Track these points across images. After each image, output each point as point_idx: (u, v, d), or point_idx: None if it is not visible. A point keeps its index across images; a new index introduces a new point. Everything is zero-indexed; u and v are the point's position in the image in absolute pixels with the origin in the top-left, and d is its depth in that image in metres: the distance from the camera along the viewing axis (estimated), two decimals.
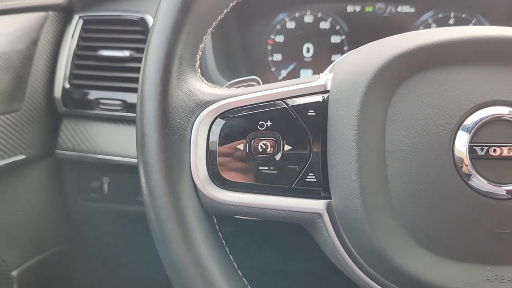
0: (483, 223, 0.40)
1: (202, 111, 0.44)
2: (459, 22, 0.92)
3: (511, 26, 0.90)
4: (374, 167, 0.41)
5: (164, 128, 0.43)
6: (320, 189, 0.43)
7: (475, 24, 0.92)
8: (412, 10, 0.93)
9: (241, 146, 0.44)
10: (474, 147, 0.40)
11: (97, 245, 0.91)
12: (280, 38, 0.95)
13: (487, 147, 0.40)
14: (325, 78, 0.45)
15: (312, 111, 0.44)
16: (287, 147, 0.44)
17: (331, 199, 0.43)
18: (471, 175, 0.40)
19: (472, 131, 0.40)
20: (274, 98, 0.45)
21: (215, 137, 0.44)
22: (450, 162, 0.40)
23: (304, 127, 0.44)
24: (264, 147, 0.44)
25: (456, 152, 0.40)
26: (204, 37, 0.46)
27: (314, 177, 0.44)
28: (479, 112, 0.40)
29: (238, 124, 0.44)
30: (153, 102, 0.43)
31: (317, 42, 0.95)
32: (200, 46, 0.46)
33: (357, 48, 0.47)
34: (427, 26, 0.93)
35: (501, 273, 0.40)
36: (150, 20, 0.83)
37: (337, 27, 0.94)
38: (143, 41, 0.82)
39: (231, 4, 0.47)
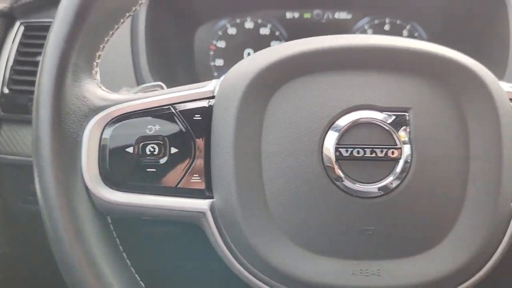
0: (350, 220, 0.43)
1: (94, 115, 0.46)
2: (394, 28, 0.95)
3: (446, 32, 0.93)
4: (251, 169, 0.43)
5: (57, 132, 0.44)
6: (204, 190, 0.46)
7: (409, 30, 0.95)
8: (349, 16, 0.96)
9: (130, 149, 0.46)
10: (339, 149, 0.42)
11: (39, 247, 0.92)
12: (222, 44, 0.98)
13: (352, 149, 0.42)
14: (215, 84, 0.47)
15: (198, 115, 0.46)
16: (173, 150, 0.46)
17: (214, 199, 0.45)
18: (338, 175, 0.42)
19: (339, 134, 0.42)
20: (163, 103, 0.47)
21: (106, 140, 0.46)
22: (319, 163, 0.43)
23: (190, 131, 0.46)
24: (152, 150, 0.46)
25: (324, 154, 0.43)
26: (101, 45, 0.48)
27: (198, 178, 0.46)
28: (346, 116, 0.43)
29: (128, 128, 0.46)
30: (46, 107, 0.44)
31: (257, 48, 0.96)
32: (97, 53, 0.48)
33: (250, 56, 0.49)
34: (364, 32, 0.96)
35: (366, 267, 0.43)
36: None
37: (277, 33, 0.97)
38: None
39: (127, 14, 0.49)
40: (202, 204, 0.45)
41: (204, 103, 0.46)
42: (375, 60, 0.44)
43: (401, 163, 0.42)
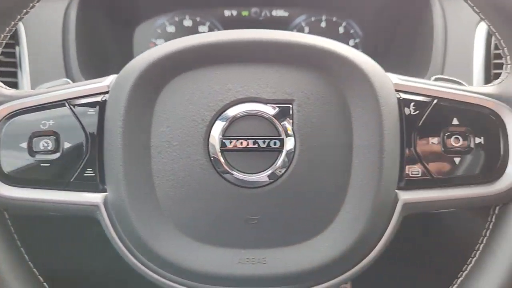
0: (235, 210, 0.44)
1: None
2: (330, 25, 0.97)
3: (380, 29, 0.95)
4: (140, 162, 0.44)
5: None
6: (98, 183, 0.46)
7: (345, 27, 0.97)
8: (286, 14, 0.97)
9: (24, 145, 0.46)
10: (224, 141, 0.43)
11: None
12: (160, 42, 0.98)
13: (235, 140, 0.43)
14: (111, 79, 0.48)
15: (92, 110, 0.47)
16: (67, 145, 0.46)
17: (107, 192, 0.46)
18: (223, 166, 0.43)
19: (224, 126, 0.43)
20: (58, 99, 0.47)
21: (0, 136, 0.46)
22: (205, 155, 0.43)
23: (83, 125, 0.46)
24: (46, 145, 0.46)
25: (210, 145, 0.43)
26: None
27: (92, 172, 0.46)
28: (232, 109, 0.44)
29: (22, 124, 0.47)
30: None
31: None
32: None
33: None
34: (301, 29, 0.97)
35: (252, 256, 0.44)
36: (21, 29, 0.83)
37: (215, 30, 0.97)
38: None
39: (18, 17, 0.48)
40: (95, 198, 0.46)
41: (98, 98, 0.47)
42: (260, 54, 0.45)
43: (283, 153, 0.43)
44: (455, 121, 0.46)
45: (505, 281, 0.45)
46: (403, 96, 0.47)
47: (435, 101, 0.47)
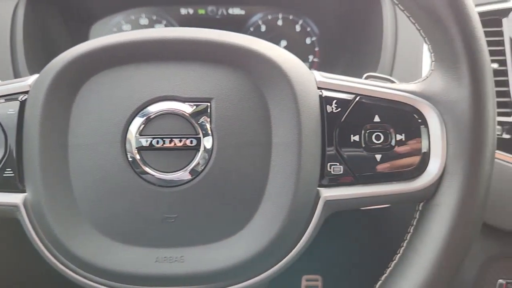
0: (152, 209, 0.43)
1: None
2: (287, 23, 0.97)
3: (335, 28, 0.95)
4: (58, 161, 0.44)
5: None
6: (17, 183, 0.46)
7: (302, 25, 0.97)
8: (242, 12, 0.97)
9: None
10: (140, 139, 0.43)
11: None
12: None
13: (151, 139, 0.43)
14: (33, 79, 0.47)
15: (12, 110, 0.46)
16: None
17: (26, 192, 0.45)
18: (140, 165, 0.43)
19: (140, 125, 0.43)
20: None
21: None
22: (122, 154, 0.43)
23: (2, 125, 0.46)
24: None
25: (127, 145, 0.43)
26: None
27: (11, 172, 0.46)
28: (150, 107, 0.44)
29: None
30: None
31: None
32: None
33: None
34: (258, 27, 0.97)
35: (170, 255, 0.44)
36: None
37: None
38: None
39: None
40: (15, 198, 0.45)
41: (19, 98, 0.46)
42: (179, 52, 0.44)
43: (200, 152, 0.43)
44: (376, 118, 0.47)
45: (426, 278, 0.45)
46: (326, 93, 0.47)
47: (357, 98, 0.47)
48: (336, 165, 0.46)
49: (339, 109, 0.46)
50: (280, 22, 0.97)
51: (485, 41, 0.47)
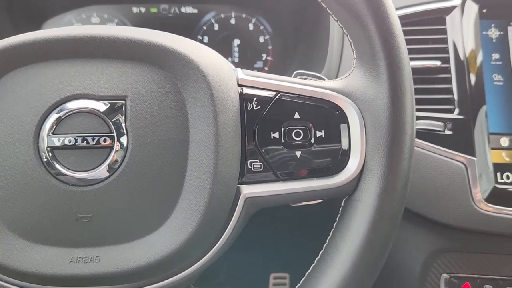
0: (66, 209, 0.43)
1: None
2: (240, 21, 0.97)
3: (287, 27, 0.95)
4: None
5: None
6: None
7: (255, 23, 0.97)
8: (195, 11, 0.97)
9: None
10: (52, 139, 0.42)
11: None
12: None
13: (64, 138, 0.42)
14: None
15: None
16: None
17: None
18: (53, 164, 0.43)
19: (53, 123, 0.43)
20: None
21: None
22: (35, 153, 0.43)
23: None
24: None
25: (40, 144, 0.43)
26: None
27: None
28: (63, 106, 0.43)
29: None
30: None
31: None
32: None
33: None
34: (211, 25, 0.97)
35: (85, 255, 0.43)
36: None
37: None
38: None
39: None
40: None
41: None
42: (94, 50, 0.44)
43: (114, 151, 0.43)
44: (296, 115, 0.47)
45: (344, 276, 0.45)
46: (246, 91, 0.47)
47: (278, 95, 0.47)
48: (256, 162, 0.46)
49: (259, 107, 0.46)
50: (233, 21, 0.97)
51: (403, 38, 0.48)
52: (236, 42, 0.97)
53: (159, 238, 0.44)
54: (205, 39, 0.96)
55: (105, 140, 0.43)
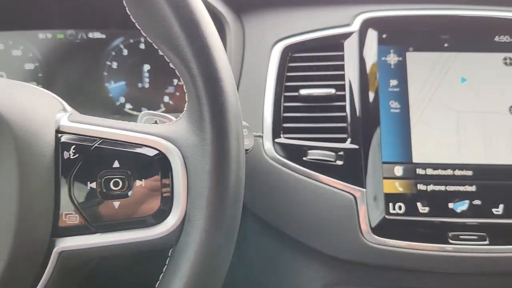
0: None
1: None
2: (150, 46, 0.95)
3: None
4: None
5: None
6: None
7: None
8: (103, 36, 0.95)
9: None
10: None
11: None
12: None
13: None
14: None
15: None
16: None
17: None
18: None
19: None
20: None
21: None
22: None
23: None
24: None
25: None
26: None
27: None
28: None
29: None
30: None
31: (10, 71, 0.94)
32: None
33: None
34: (119, 51, 0.95)
35: None
36: None
37: (30, 54, 0.94)
38: None
39: None
40: None
41: None
42: None
43: None
44: (116, 164, 0.45)
45: None
46: (65, 139, 0.45)
47: (97, 143, 0.45)
48: (71, 214, 0.44)
49: (77, 155, 0.44)
50: (142, 46, 0.95)
51: (231, 81, 0.46)
52: (146, 67, 0.95)
53: None
54: (114, 64, 0.94)
55: None
